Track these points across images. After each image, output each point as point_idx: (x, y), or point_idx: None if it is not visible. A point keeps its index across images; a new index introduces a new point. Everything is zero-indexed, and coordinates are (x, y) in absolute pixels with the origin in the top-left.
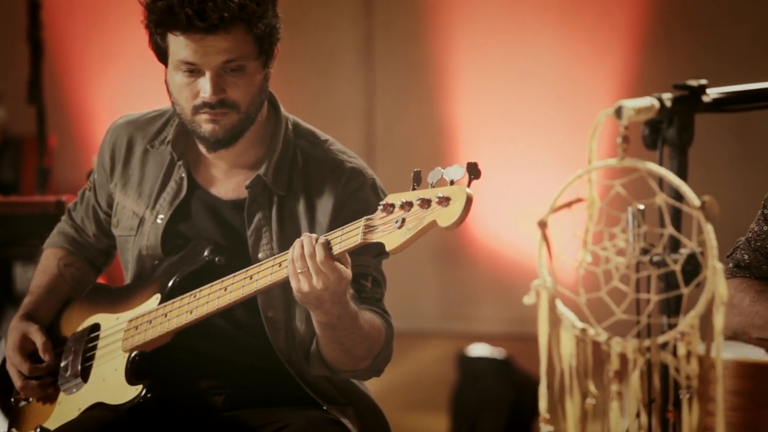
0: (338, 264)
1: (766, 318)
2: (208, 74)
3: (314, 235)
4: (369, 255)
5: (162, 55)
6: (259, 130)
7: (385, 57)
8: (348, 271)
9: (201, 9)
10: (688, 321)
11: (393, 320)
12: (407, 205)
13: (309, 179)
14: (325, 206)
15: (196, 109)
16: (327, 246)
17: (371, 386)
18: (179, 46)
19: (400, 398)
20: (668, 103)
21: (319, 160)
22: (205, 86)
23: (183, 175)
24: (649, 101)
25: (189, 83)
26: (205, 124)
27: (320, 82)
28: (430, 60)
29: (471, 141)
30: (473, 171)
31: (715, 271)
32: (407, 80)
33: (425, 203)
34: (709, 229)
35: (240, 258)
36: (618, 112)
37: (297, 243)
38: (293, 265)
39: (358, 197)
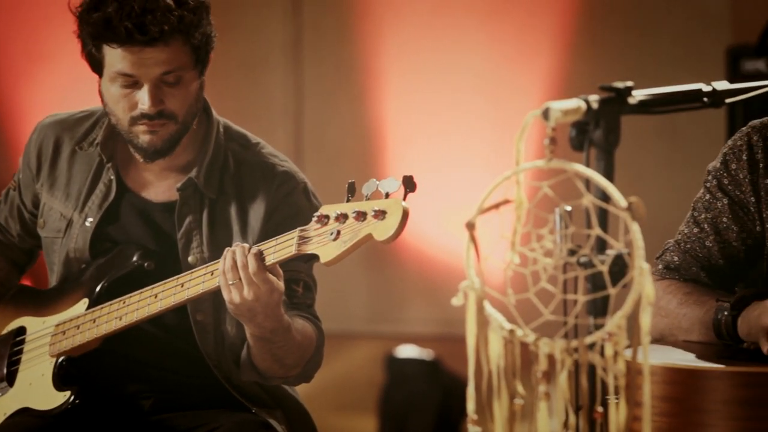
0: (270, 275)
1: (694, 321)
2: (146, 86)
3: (246, 245)
4: (301, 260)
5: (96, 65)
6: (191, 133)
7: (313, 59)
8: (280, 283)
9: (140, 22)
10: (615, 321)
11: (322, 322)
12: (342, 217)
13: (241, 183)
14: (257, 210)
15: (134, 120)
16: (260, 257)
17: (300, 388)
18: (116, 58)
19: (329, 399)
20: (595, 105)
21: (250, 164)
22: (143, 98)
23: (112, 177)
24: (576, 103)
25: (126, 94)
26: (143, 135)
27: (248, 84)
28: (359, 61)
29: (400, 142)
30: (409, 184)
31: (641, 271)
32: (336, 82)
33: (361, 216)
34: (635, 230)
35: (169, 261)
36: (545, 114)
37: (228, 253)
38: (224, 277)
39: (289, 201)
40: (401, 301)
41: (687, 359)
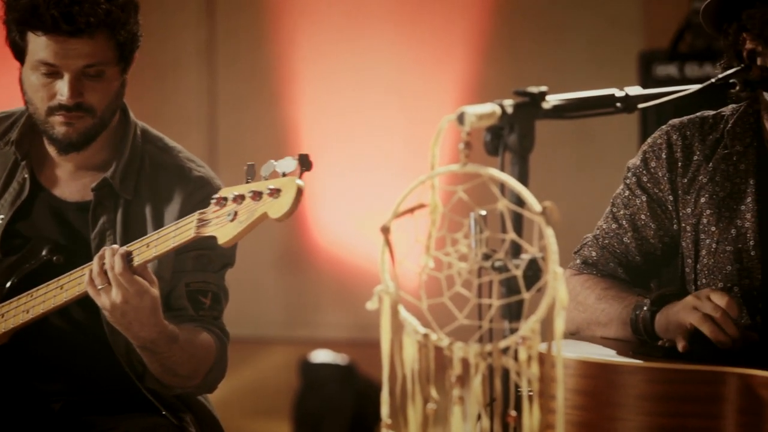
0: (138, 278)
1: (611, 316)
2: (66, 77)
3: (117, 247)
4: (211, 270)
5: (19, 53)
6: (108, 133)
7: (227, 63)
8: (152, 289)
9: (67, 12)
10: (529, 326)
11: (235, 327)
12: (240, 198)
13: (156, 185)
14: (171, 213)
15: (51, 111)
16: (126, 257)
17: (214, 393)
18: (39, 46)
19: (243, 405)
20: (509, 110)
21: (167, 167)
22: (62, 88)
23: (26, 175)
24: (490, 107)
25: (46, 84)
26: (59, 126)
27: (162, 88)
28: (273, 66)
29: (314, 147)
30: (304, 163)
31: (555, 275)
32: (250, 86)
33: (257, 195)
34: (549, 234)
35: (82, 261)
36: (460, 118)
37: (97, 258)
38: (92, 285)
39: (204, 207)
40: (315, 306)
41: (602, 354)
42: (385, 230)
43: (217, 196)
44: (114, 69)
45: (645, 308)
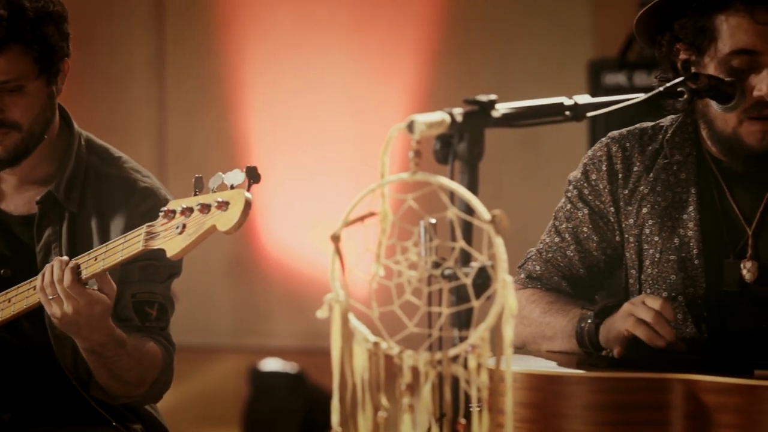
0: (90, 289)
1: (557, 329)
2: None
3: (65, 259)
4: (158, 281)
5: None
6: (50, 145)
7: (176, 71)
8: (102, 296)
9: None
10: (478, 334)
11: (185, 336)
12: (188, 211)
13: (102, 197)
14: (117, 225)
15: None
16: (75, 270)
17: (163, 401)
18: None
19: (193, 413)
20: (459, 118)
21: (112, 178)
22: None
23: None
24: (440, 116)
25: None
26: None
27: (111, 97)
28: (222, 74)
29: (264, 155)
30: (252, 175)
31: (504, 284)
32: (199, 95)
33: (205, 208)
34: (499, 243)
35: (30, 275)
36: (410, 127)
37: (47, 268)
38: (43, 292)
39: (149, 218)
40: (265, 314)
41: (548, 366)
42: (335, 238)
43: (165, 208)
44: (36, 82)
45: (589, 321)
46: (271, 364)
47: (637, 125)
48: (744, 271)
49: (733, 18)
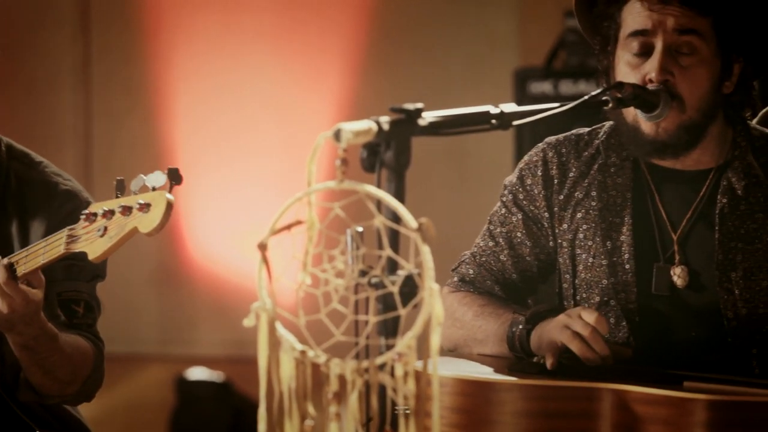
0: (24, 286)
1: (488, 332)
2: None
3: None
4: (82, 280)
5: None
6: None
7: (102, 80)
8: (36, 292)
9: None
10: (405, 342)
11: (110, 344)
12: (109, 213)
13: (23, 201)
14: (38, 229)
15: None
16: (10, 268)
17: (88, 410)
18: None
19: (118, 422)
20: (386, 127)
21: (33, 183)
22: None
23: None
24: (367, 124)
25: None
26: None
27: (37, 105)
28: (149, 82)
29: (191, 163)
30: (174, 177)
31: (431, 292)
32: (126, 102)
33: (126, 210)
34: (425, 251)
35: None
36: (337, 135)
37: None
38: None
39: (72, 220)
40: (192, 323)
41: (479, 371)
42: (262, 247)
43: (86, 211)
44: None
45: (520, 326)
46: (197, 373)
47: (573, 131)
48: (674, 277)
49: (631, 6)
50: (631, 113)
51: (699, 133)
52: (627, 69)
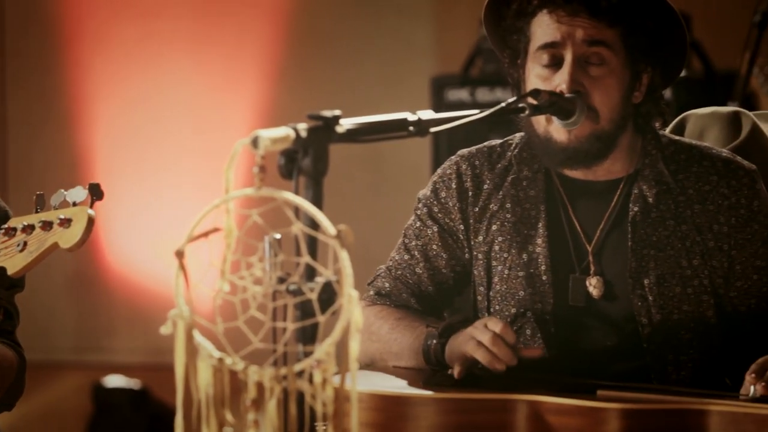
0: None
1: (404, 346)
2: None
3: None
4: (1, 287)
5: None
6: None
7: (16, 88)
8: None
9: None
10: (323, 349)
11: (26, 352)
12: (29, 228)
13: None
14: None
15: None
16: None
17: (4, 419)
18: None
19: (35, 430)
20: (303, 133)
21: None
22: None
23: None
24: (284, 131)
25: None
26: None
27: None
28: (65, 90)
29: (108, 170)
30: (95, 192)
31: (350, 298)
32: (41, 110)
33: (47, 225)
34: (344, 258)
35: None
36: (254, 142)
37: None
38: None
39: None
40: (109, 330)
41: (394, 386)
42: (180, 254)
43: (5, 226)
44: None
45: (435, 340)
46: (114, 381)
47: (486, 143)
48: (590, 287)
49: (541, 19)
50: (542, 124)
51: (610, 142)
52: (537, 81)
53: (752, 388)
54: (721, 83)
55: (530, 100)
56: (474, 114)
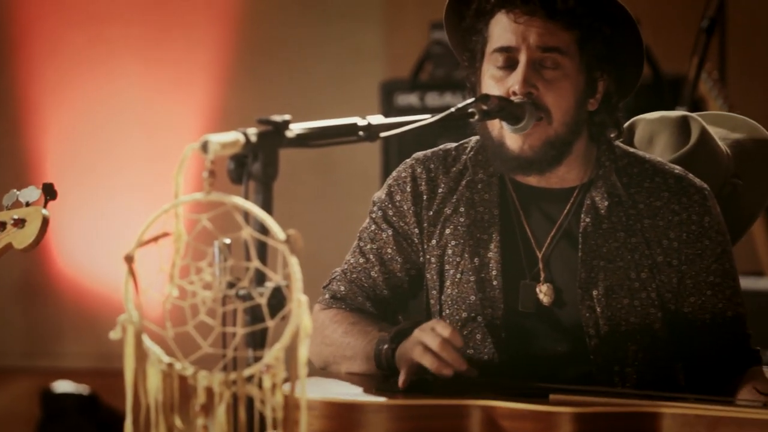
0: None
1: (356, 350)
2: None
3: None
4: None
5: None
6: None
7: None
8: None
9: None
10: (273, 354)
11: None
12: None
13: None
14: None
15: None
16: None
17: None
18: None
19: None
20: (253, 138)
21: None
22: None
23: None
24: (234, 136)
25: None
26: None
27: None
28: (14, 93)
29: (59, 175)
30: (49, 192)
31: (299, 303)
32: None
33: (0, 226)
34: (293, 263)
35: None
36: (204, 147)
37: None
38: None
39: None
40: (57, 335)
41: (347, 392)
42: (129, 259)
43: None
44: None
45: (386, 344)
46: (63, 386)
47: (441, 146)
48: (540, 294)
49: (497, 21)
50: (496, 128)
51: (564, 149)
52: (491, 82)
53: None
54: (670, 88)
55: (480, 104)
56: (424, 119)
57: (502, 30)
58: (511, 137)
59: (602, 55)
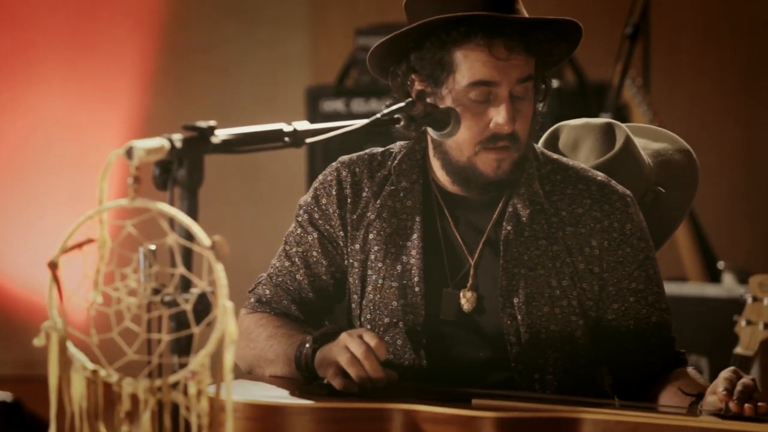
0: None
1: (279, 353)
2: None
3: None
4: None
5: None
6: None
7: None
8: None
9: None
10: (198, 360)
11: None
12: None
13: None
14: None
15: None
16: None
17: None
18: None
19: None
20: (178, 144)
21: None
22: None
23: None
24: (159, 142)
25: None
26: None
27: None
28: None
29: None
30: None
31: (225, 310)
32: None
33: None
34: (219, 269)
35: None
36: (129, 153)
37: None
38: None
39: None
40: None
41: (271, 395)
42: (53, 265)
43: None
44: None
45: (307, 345)
46: None
47: (367, 151)
48: (463, 301)
49: (472, 53)
50: (465, 154)
51: (527, 165)
52: (467, 114)
53: (725, 405)
54: (594, 94)
55: (406, 110)
56: (350, 125)
57: (481, 66)
58: (484, 162)
59: (552, 63)
